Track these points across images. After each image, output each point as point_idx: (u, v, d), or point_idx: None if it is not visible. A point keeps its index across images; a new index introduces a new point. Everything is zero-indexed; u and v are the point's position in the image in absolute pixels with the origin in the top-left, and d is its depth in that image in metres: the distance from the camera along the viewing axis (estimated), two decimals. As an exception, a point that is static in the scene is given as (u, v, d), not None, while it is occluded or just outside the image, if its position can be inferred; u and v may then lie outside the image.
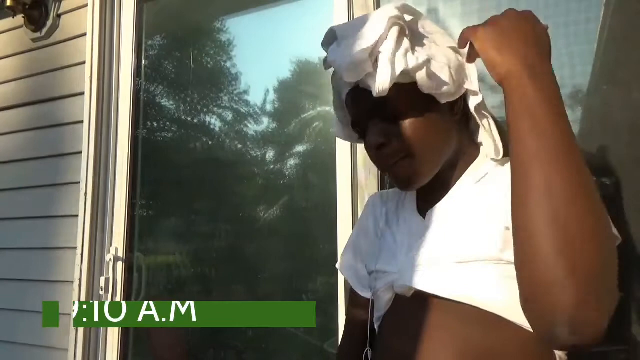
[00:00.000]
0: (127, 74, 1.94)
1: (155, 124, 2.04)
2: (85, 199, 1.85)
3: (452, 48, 0.78)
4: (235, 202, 1.78)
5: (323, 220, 1.53)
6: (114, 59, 1.95)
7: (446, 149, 0.79)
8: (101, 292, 1.81)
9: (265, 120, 1.77)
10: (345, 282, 1.35)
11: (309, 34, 1.67)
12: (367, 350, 0.85)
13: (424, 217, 0.82)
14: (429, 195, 0.83)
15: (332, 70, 0.86)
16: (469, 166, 0.81)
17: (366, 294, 0.92)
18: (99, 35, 1.92)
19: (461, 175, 0.81)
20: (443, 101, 0.76)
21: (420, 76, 0.72)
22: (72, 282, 1.83)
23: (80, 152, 1.90)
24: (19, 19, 2.08)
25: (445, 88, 0.74)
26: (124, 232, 1.85)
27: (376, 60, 0.72)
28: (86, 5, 1.96)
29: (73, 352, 1.79)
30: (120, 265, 1.83)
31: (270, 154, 1.75)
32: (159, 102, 2.04)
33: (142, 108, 1.95)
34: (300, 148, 1.69)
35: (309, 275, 1.61)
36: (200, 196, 1.84)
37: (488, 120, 0.80)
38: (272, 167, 1.74)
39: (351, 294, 1.00)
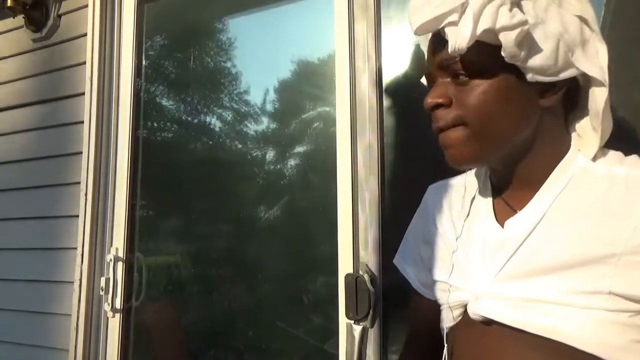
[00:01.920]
0: (127, 74, 1.94)
1: (155, 124, 2.04)
2: (85, 199, 1.85)
3: (581, 18, 0.65)
4: (236, 202, 1.77)
5: (323, 220, 1.52)
6: (114, 59, 1.95)
7: (516, 136, 0.67)
8: (101, 293, 1.81)
9: (265, 120, 1.77)
10: (346, 283, 1.35)
11: (309, 34, 1.67)
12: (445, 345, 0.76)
13: (503, 226, 0.70)
14: (509, 196, 0.72)
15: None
16: (558, 162, 0.68)
17: (430, 296, 0.84)
18: (99, 35, 1.92)
19: (548, 174, 0.68)
20: (531, 78, 0.63)
21: (507, 39, 0.60)
22: (72, 282, 1.83)
23: (80, 152, 1.90)
24: (20, 19, 2.08)
25: (538, 62, 0.62)
26: (124, 233, 1.85)
27: (464, 10, 0.62)
28: (86, 6, 1.96)
29: (73, 352, 1.79)
30: (120, 266, 1.83)
31: (270, 154, 1.74)
32: (159, 102, 2.04)
33: (142, 108, 1.95)
34: (300, 148, 1.69)
35: (309, 276, 1.61)
36: (200, 196, 1.84)
37: (604, 122, 0.66)
38: (272, 167, 1.73)
39: (414, 297, 0.90)
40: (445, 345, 0.75)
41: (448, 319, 0.75)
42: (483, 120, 0.65)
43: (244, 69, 1.83)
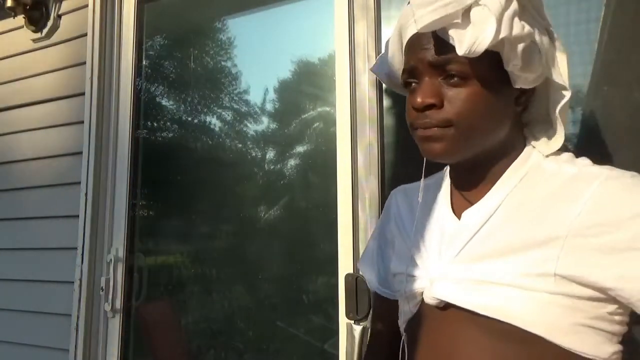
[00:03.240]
0: (127, 74, 1.94)
1: (155, 124, 2.04)
2: (86, 199, 1.85)
3: (548, 30, 0.69)
4: (236, 202, 1.77)
5: (323, 220, 1.52)
6: (114, 59, 1.95)
7: (492, 138, 0.70)
8: (101, 293, 1.81)
9: (266, 120, 1.77)
10: (346, 283, 1.35)
11: (309, 34, 1.67)
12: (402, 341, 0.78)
13: (459, 218, 0.74)
14: (467, 191, 0.75)
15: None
16: (513, 161, 0.72)
17: (389, 295, 0.88)
18: (99, 35, 1.92)
19: (504, 171, 0.72)
20: (518, 85, 0.68)
21: (517, 49, 0.63)
22: (72, 282, 1.83)
23: (80, 152, 1.90)
24: (20, 19, 2.08)
25: (530, 72, 0.65)
26: (124, 233, 1.85)
27: (468, 11, 0.63)
28: (86, 6, 1.96)
29: (73, 352, 1.79)
30: (120, 266, 1.83)
31: (270, 154, 1.74)
32: (159, 102, 2.04)
33: (142, 108, 1.95)
34: (300, 148, 1.69)
35: (309, 276, 1.61)
36: (200, 196, 1.84)
37: (564, 122, 0.71)
38: (272, 167, 1.73)
39: (374, 298, 0.94)
40: (403, 338, 0.77)
41: (405, 311, 0.77)
42: (470, 123, 0.67)
43: (244, 69, 1.83)
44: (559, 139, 0.72)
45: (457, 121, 0.67)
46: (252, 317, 1.70)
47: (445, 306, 0.70)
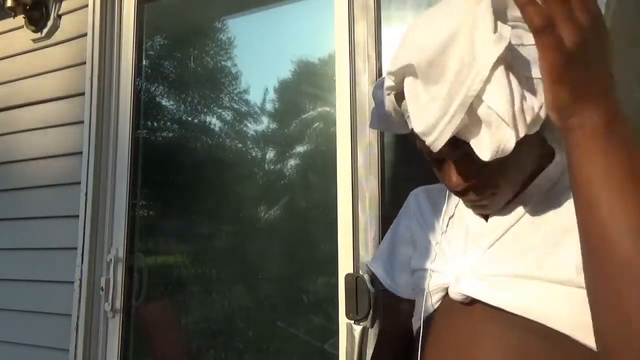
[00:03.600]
0: (127, 74, 1.94)
1: (155, 124, 2.04)
2: (86, 199, 1.85)
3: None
4: (236, 202, 1.78)
5: (323, 220, 1.52)
6: (114, 59, 1.95)
7: (528, 170, 0.70)
8: (101, 293, 1.81)
9: (266, 120, 1.77)
10: (346, 283, 1.35)
11: (309, 34, 1.67)
12: (417, 332, 0.77)
13: (487, 219, 0.74)
14: None
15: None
16: (541, 170, 0.72)
17: (404, 295, 0.88)
18: (99, 35, 1.92)
19: (532, 180, 0.71)
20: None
21: (533, 127, 0.58)
22: (72, 282, 1.83)
23: (80, 152, 1.90)
24: (20, 19, 2.08)
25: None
26: (124, 233, 1.85)
27: (472, 108, 0.57)
28: (86, 6, 1.96)
29: (73, 352, 1.79)
30: (120, 266, 1.83)
31: (270, 154, 1.74)
32: (159, 102, 2.04)
33: (142, 108, 1.95)
34: (300, 148, 1.69)
35: (309, 276, 1.61)
36: (200, 196, 1.84)
37: None
38: (272, 167, 1.73)
39: (384, 298, 0.95)
40: (418, 334, 0.77)
41: (426, 307, 0.77)
42: (510, 181, 0.68)
43: (244, 69, 1.83)
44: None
45: (495, 187, 0.67)
46: (252, 317, 1.70)
47: (470, 302, 0.70)
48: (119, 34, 1.97)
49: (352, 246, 1.38)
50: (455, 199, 0.82)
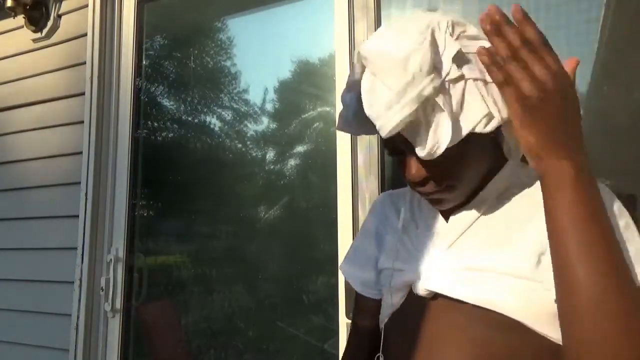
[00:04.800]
0: (127, 74, 1.94)
1: (155, 124, 2.04)
2: (86, 199, 1.85)
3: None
4: (236, 202, 1.78)
5: (323, 220, 1.52)
6: (114, 59, 1.95)
7: (484, 170, 0.75)
8: (101, 293, 1.81)
9: (266, 120, 1.77)
10: (346, 283, 1.35)
11: (309, 34, 1.67)
12: (378, 356, 0.83)
13: (447, 219, 0.79)
14: None
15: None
16: (497, 172, 0.77)
17: (373, 295, 0.91)
18: (99, 35, 1.92)
19: (488, 181, 0.76)
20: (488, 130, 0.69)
21: (482, 128, 0.64)
22: (72, 282, 1.83)
23: (80, 152, 1.90)
24: (20, 19, 2.08)
25: (496, 120, 0.66)
26: (124, 233, 1.85)
27: (424, 106, 0.62)
28: (86, 6, 1.96)
29: (73, 352, 1.79)
30: (120, 266, 1.83)
31: (270, 154, 1.74)
32: (159, 102, 2.04)
33: (142, 108, 1.95)
34: (300, 148, 1.69)
35: (309, 276, 1.61)
36: (200, 196, 1.84)
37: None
38: (272, 167, 1.73)
39: (357, 298, 0.99)
40: (383, 331, 0.82)
41: (389, 305, 0.82)
42: (466, 178, 0.72)
43: (244, 69, 1.83)
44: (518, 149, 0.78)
45: (451, 182, 0.71)
46: (252, 317, 1.70)
47: (434, 297, 0.74)
48: (119, 34, 1.97)
49: (352, 246, 1.38)
50: (417, 201, 0.87)
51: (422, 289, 0.75)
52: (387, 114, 0.64)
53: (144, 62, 1.98)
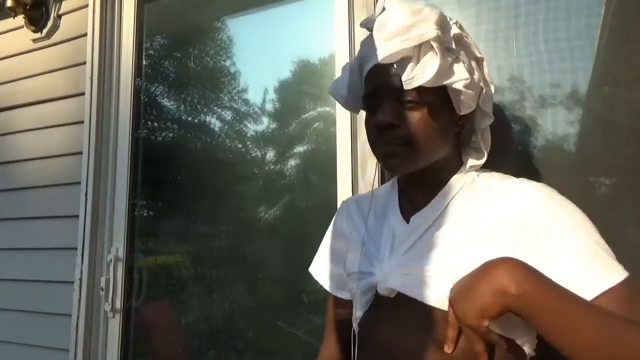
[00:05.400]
0: (127, 74, 1.94)
1: (155, 124, 2.04)
2: (86, 199, 1.85)
3: (480, 64, 0.84)
4: (236, 202, 1.77)
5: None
6: (114, 59, 1.95)
7: (440, 152, 0.82)
8: (101, 293, 1.81)
9: (266, 120, 1.77)
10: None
11: (309, 34, 1.67)
12: (353, 331, 0.88)
13: (408, 222, 0.85)
14: (414, 198, 0.87)
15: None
16: (453, 175, 0.85)
17: (344, 295, 0.97)
18: (99, 35, 1.92)
19: (446, 182, 0.85)
20: (461, 112, 0.81)
21: (458, 89, 0.76)
22: (72, 282, 1.83)
23: (80, 152, 1.90)
24: (20, 19, 2.08)
25: (469, 102, 0.79)
26: (124, 233, 1.85)
27: (419, 47, 0.75)
28: (86, 6, 1.96)
29: (73, 352, 1.79)
30: (120, 266, 1.83)
31: (270, 154, 1.74)
32: (159, 102, 2.04)
33: (142, 108, 1.95)
34: (300, 148, 1.69)
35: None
36: (200, 196, 1.84)
37: (488, 141, 0.88)
38: (272, 167, 1.73)
39: (330, 297, 1.03)
40: (354, 331, 0.87)
41: (359, 306, 0.86)
42: (423, 141, 0.79)
43: (244, 69, 1.83)
44: (482, 156, 0.88)
45: (413, 140, 0.78)
46: (252, 317, 1.70)
47: (396, 297, 0.80)
48: (119, 34, 1.97)
49: (352, 246, 1.38)
50: (381, 205, 0.93)
51: (382, 288, 0.81)
52: (389, 42, 0.75)
53: (144, 62, 1.98)
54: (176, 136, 2.03)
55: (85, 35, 1.94)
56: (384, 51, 0.75)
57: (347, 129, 1.43)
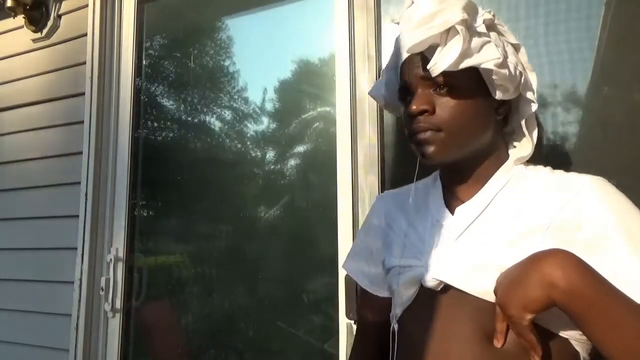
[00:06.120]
0: (127, 74, 1.94)
1: (155, 124, 2.04)
2: (86, 199, 1.85)
3: (518, 49, 0.83)
4: (236, 202, 1.77)
5: (323, 220, 1.52)
6: (114, 59, 1.95)
7: (477, 142, 0.80)
8: (101, 293, 1.81)
9: (266, 120, 1.77)
10: (346, 283, 1.35)
11: (309, 34, 1.67)
12: (392, 328, 0.85)
13: (453, 213, 0.82)
14: (458, 191, 0.84)
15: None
16: (499, 167, 0.82)
17: (381, 293, 0.93)
18: (99, 35, 1.92)
19: (492, 175, 0.82)
20: (498, 97, 0.79)
21: (490, 70, 0.75)
22: (72, 282, 1.83)
23: (80, 152, 1.90)
24: (20, 19, 2.08)
25: (508, 85, 0.77)
26: (124, 233, 1.85)
27: (447, 33, 0.74)
28: (86, 6, 1.96)
29: (73, 352, 1.79)
30: (120, 266, 1.83)
31: (270, 154, 1.74)
32: (159, 102, 2.04)
33: (142, 108, 1.95)
34: (300, 148, 1.69)
35: (309, 276, 1.61)
36: (200, 196, 1.84)
37: (533, 131, 0.84)
38: (272, 167, 1.73)
39: (362, 295, 0.99)
40: (394, 329, 0.84)
41: (398, 303, 0.84)
42: (457, 127, 0.77)
43: (244, 69, 1.83)
44: (527, 147, 0.84)
45: (446, 126, 0.77)
46: (252, 317, 1.70)
47: (444, 291, 0.77)
48: (119, 34, 1.97)
49: (352, 246, 1.37)
50: (422, 196, 0.90)
51: (430, 279, 0.77)
52: (415, 32, 0.75)
53: (144, 62, 1.98)
54: (176, 136, 2.03)
55: (85, 35, 1.94)
56: (410, 40, 0.75)
57: (347, 129, 1.43)
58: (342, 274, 1.37)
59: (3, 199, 2.11)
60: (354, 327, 1.31)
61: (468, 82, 0.77)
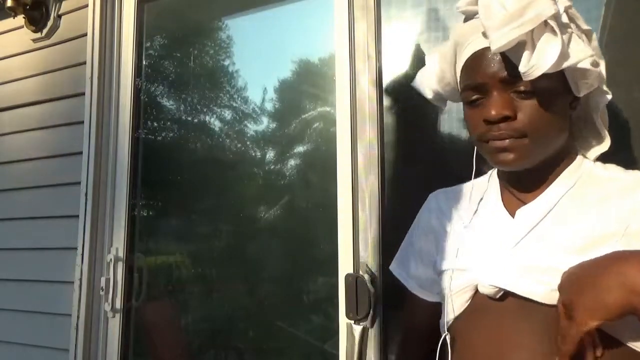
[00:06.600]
0: (127, 74, 1.94)
1: (155, 124, 2.04)
2: (86, 199, 1.85)
3: (586, 35, 0.76)
4: (236, 202, 1.77)
5: (323, 220, 1.52)
6: (114, 59, 1.95)
7: (559, 142, 0.74)
8: (101, 293, 1.81)
9: (266, 120, 1.77)
10: (346, 283, 1.35)
11: (309, 34, 1.67)
12: (444, 337, 0.79)
13: (512, 215, 0.77)
14: (520, 191, 0.78)
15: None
16: (567, 166, 0.76)
17: (431, 297, 0.88)
18: (99, 35, 1.92)
19: (559, 174, 0.76)
20: (582, 94, 0.73)
21: (577, 69, 0.68)
22: (72, 282, 1.83)
23: (80, 152, 1.90)
24: (20, 19, 2.08)
25: (595, 82, 0.71)
26: (124, 233, 1.85)
27: (533, 30, 0.66)
28: (86, 6, 1.96)
29: (73, 352, 1.79)
30: (120, 266, 1.83)
31: (270, 154, 1.74)
32: (159, 102, 2.04)
33: (142, 108, 1.95)
34: (300, 148, 1.69)
35: (309, 276, 1.61)
36: (200, 196, 1.84)
37: (606, 123, 0.79)
38: (272, 167, 1.73)
39: (410, 300, 0.94)
40: (445, 338, 0.78)
41: (449, 310, 0.78)
42: (543, 133, 0.71)
43: (244, 69, 1.83)
44: (605, 143, 0.78)
45: (531, 131, 0.70)
46: (252, 317, 1.70)
47: (501, 299, 0.72)
48: (119, 34, 1.97)
49: (352, 246, 1.37)
50: (480, 197, 0.84)
51: (487, 285, 0.72)
52: (503, 29, 0.66)
53: (144, 62, 1.98)
54: (176, 136, 2.03)
55: (85, 35, 1.94)
56: (499, 40, 0.66)
57: (347, 129, 1.43)
58: (342, 274, 1.37)
59: (3, 199, 2.11)
60: (354, 327, 1.31)
61: (552, 83, 0.70)
